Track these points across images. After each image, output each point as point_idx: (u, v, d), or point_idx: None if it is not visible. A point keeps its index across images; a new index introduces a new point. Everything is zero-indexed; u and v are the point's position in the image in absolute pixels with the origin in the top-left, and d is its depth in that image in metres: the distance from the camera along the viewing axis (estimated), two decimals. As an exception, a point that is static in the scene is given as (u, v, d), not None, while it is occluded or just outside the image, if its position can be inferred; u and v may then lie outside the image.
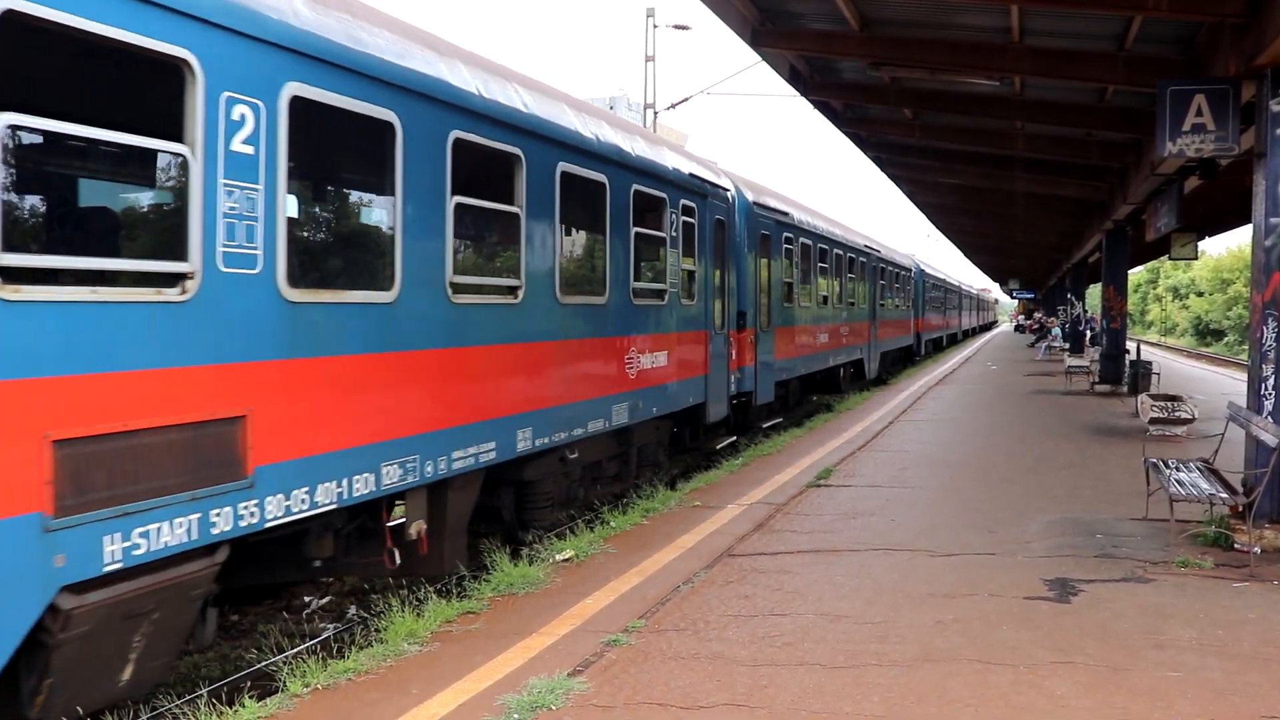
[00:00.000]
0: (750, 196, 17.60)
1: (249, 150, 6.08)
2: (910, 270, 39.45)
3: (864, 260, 28.66)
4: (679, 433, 15.13)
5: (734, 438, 17.12)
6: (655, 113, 34.65)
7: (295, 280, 6.59)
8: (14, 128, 4.94)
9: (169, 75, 5.62)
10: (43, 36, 5.04)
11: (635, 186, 11.83)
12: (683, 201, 13.57)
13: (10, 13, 4.74)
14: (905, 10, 13.45)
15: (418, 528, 8.08)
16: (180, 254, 5.73)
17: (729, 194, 16.17)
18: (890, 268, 34.01)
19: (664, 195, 12.77)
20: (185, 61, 5.64)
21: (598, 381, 10.82)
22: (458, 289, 8.24)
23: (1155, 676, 6.18)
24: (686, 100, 30.80)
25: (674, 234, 13.19)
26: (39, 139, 6.73)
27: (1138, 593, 8.00)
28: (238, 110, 5.99)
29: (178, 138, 5.69)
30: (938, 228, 51.25)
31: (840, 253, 25.30)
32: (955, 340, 64.19)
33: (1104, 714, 5.59)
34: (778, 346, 18.52)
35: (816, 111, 20.53)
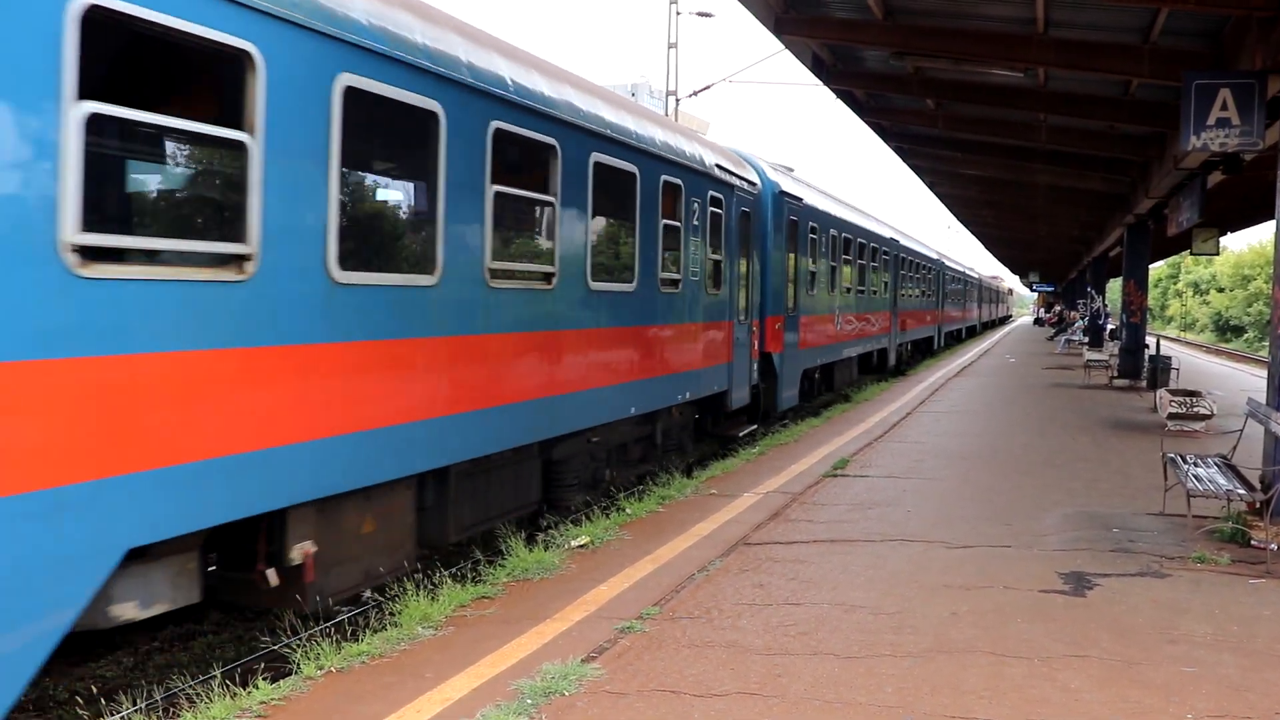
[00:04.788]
0: None
1: None
2: (745, 190, 15.69)
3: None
4: None
5: None
6: (677, 100, 34.63)
7: None
8: None
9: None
10: None
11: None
12: None
13: None
14: (929, -1, 13.42)
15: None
16: None
17: None
18: (580, 144, 10.07)
19: None
20: None
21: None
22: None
23: (1170, 671, 6.16)
24: (709, 88, 30.73)
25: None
26: None
27: (1153, 587, 7.97)
28: None
29: None
30: (959, 219, 51.08)
31: None
32: (929, 350, 41.37)
33: (1118, 708, 5.58)
34: None
35: (839, 101, 20.47)
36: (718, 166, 14.35)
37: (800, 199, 18.99)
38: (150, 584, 5.79)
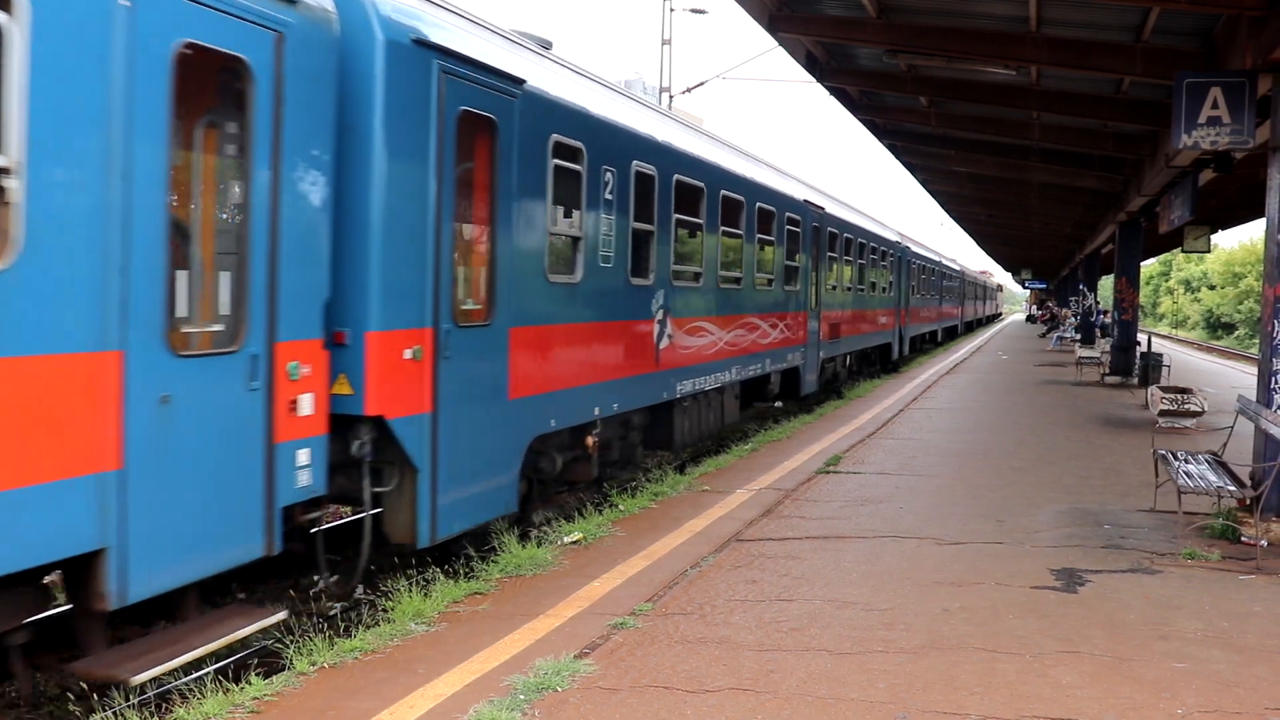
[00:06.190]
0: None
1: None
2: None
3: None
4: None
5: None
6: (671, 96, 34.59)
7: None
8: None
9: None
10: None
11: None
12: None
13: None
14: (923, -3, 13.44)
15: None
16: None
17: None
18: None
19: None
20: None
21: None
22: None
23: (1161, 667, 6.19)
24: (702, 85, 30.66)
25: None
26: None
27: (1144, 584, 8.00)
28: None
29: None
30: (952, 217, 51.14)
31: None
32: (886, 361, 30.63)
33: (1109, 704, 5.61)
34: None
35: (833, 98, 20.49)
36: None
37: (507, 75, 8.59)
38: None
